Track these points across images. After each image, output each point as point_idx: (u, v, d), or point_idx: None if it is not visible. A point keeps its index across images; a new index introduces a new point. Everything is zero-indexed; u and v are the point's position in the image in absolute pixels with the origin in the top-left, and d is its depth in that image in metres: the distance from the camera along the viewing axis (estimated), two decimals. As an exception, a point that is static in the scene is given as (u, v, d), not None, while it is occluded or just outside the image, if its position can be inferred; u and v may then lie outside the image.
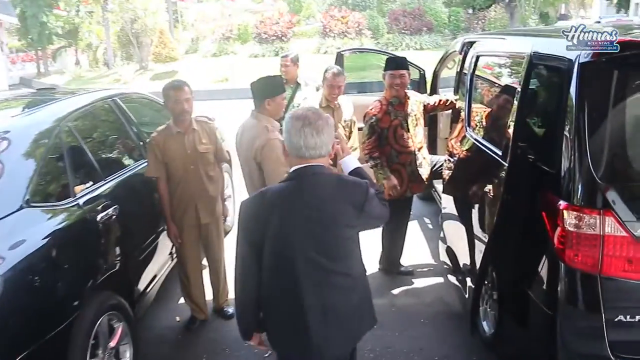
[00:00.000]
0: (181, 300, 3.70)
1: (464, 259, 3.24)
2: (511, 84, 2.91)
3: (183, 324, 3.58)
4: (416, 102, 3.94)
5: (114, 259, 2.86)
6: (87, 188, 2.86)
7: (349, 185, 1.89)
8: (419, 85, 5.49)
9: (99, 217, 2.75)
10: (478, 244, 2.97)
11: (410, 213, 4.17)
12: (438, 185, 4.66)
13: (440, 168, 4.07)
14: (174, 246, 3.54)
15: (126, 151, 3.61)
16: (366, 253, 2.05)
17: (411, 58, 4.05)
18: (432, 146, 5.17)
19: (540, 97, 2.58)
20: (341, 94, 4.05)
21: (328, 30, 19.53)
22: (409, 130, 3.82)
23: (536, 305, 2.32)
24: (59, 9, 23.47)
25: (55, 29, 22.70)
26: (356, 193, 1.85)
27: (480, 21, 21.97)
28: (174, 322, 3.63)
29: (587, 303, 2.12)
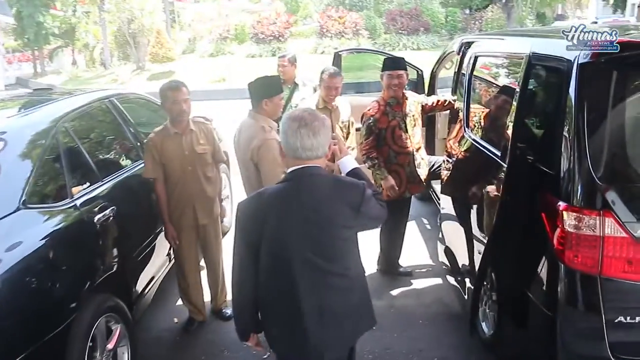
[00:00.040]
0: (179, 302, 3.68)
1: (462, 259, 3.23)
2: (510, 85, 2.91)
3: (181, 326, 3.57)
4: (414, 103, 3.93)
5: (111, 260, 2.84)
6: (84, 189, 2.84)
7: (345, 187, 1.89)
8: (417, 85, 5.49)
9: (96, 219, 2.73)
10: (477, 244, 2.96)
11: (409, 214, 4.16)
12: (436, 186, 4.66)
13: (439, 169, 4.06)
14: (171, 247, 3.52)
15: (123, 152, 3.59)
16: (364, 254, 2.05)
17: (408, 58, 4.05)
18: (430, 147, 5.18)
19: (539, 98, 2.57)
20: (338, 95, 4.02)
21: (325, 30, 19.56)
22: (407, 130, 3.81)
23: (536, 306, 2.32)
24: (56, 9, 23.40)
25: (51, 28, 22.62)
26: (353, 194, 1.85)
27: (477, 21, 22.03)
28: (172, 324, 3.61)
29: (587, 304, 2.12)
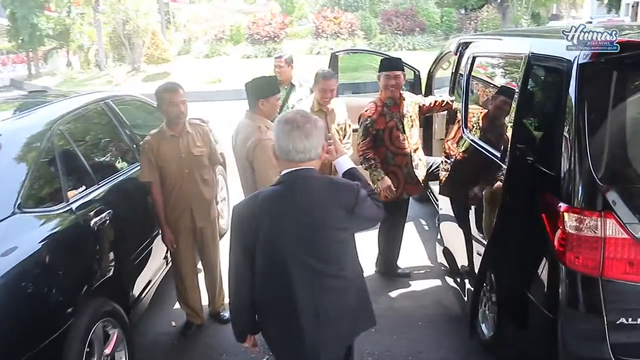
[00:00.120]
0: (176, 305, 3.65)
1: (462, 260, 3.22)
2: (509, 85, 2.90)
3: (179, 329, 3.54)
4: (411, 103, 3.92)
5: (108, 264, 2.81)
6: (80, 192, 2.81)
7: (339, 188, 1.90)
8: (414, 86, 5.47)
9: (93, 222, 2.70)
10: (476, 245, 2.95)
11: (407, 215, 4.15)
12: (434, 187, 4.64)
13: (437, 169, 4.05)
14: (168, 250, 3.49)
15: (119, 154, 3.55)
16: (363, 255, 2.05)
17: (404, 59, 4.03)
18: (427, 147, 5.17)
19: (539, 98, 2.56)
20: (333, 97, 3.98)
21: (321, 31, 19.56)
22: (404, 131, 3.80)
23: (536, 307, 2.31)
24: (50, 10, 23.32)
25: (46, 30, 22.54)
26: (347, 196, 1.85)
27: (472, 21, 22.10)
28: (169, 328, 3.58)
29: (589, 306, 2.11)
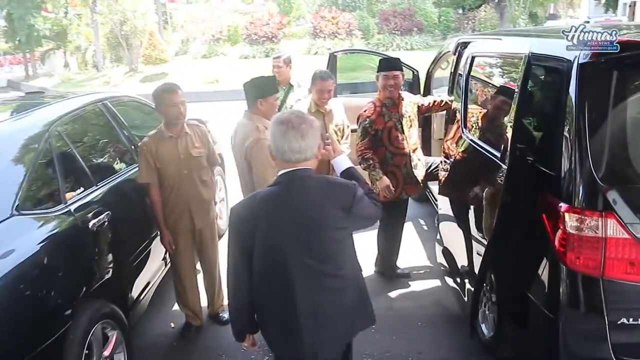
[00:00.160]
0: (175, 307, 3.64)
1: (462, 261, 3.21)
2: (508, 85, 2.89)
3: (178, 331, 3.53)
4: (410, 103, 3.91)
5: (106, 266, 2.80)
6: (79, 194, 2.79)
7: (336, 188, 1.91)
8: (412, 86, 5.46)
9: (91, 224, 2.69)
10: (476, 245, 2.94)
11: (406, 215, 4.14)
12: (433, 187, 4.64)
13: (436, 170, 4.04)
14: (167, 252, 3.48)
15: (117, 156, 3.54)
16: (362, 256, 2.05)
17: (402, 58, 4.02)
18: (426, 147, 5.15)
19: (539, 98, 2.55)
20: (331, 97, 3.97)
21: (318, 31, 19.53)
22: (403, 131, 3.79)
23: (537, 307, 2.30)
24: (47, 11, 23.23)
25: (43, 31, 22.43)
26: (344, 195, 1.86)
27: (470, 21, 22.09)
28: (168, 329, 3.57)
29: (590, 306, 2.10)
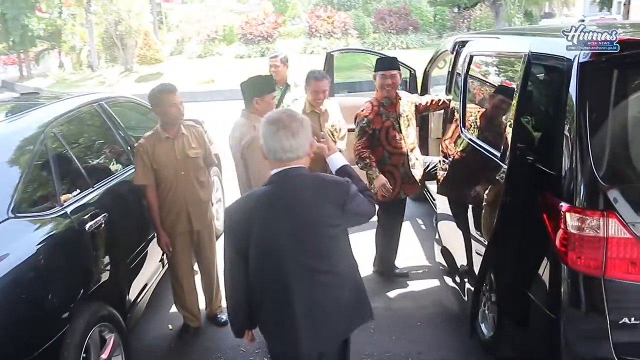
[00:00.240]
0: (173, 309, 3.62)
1: (461, 260, 3.20)
2: (507, 84, 2.88)
3: (176, 333, 3.50)
4: (408, 103, 3.90)
5: (103, 268, 2.77)
6: (75, 196, 2.76)
7: (329, 185, 1.92)
8: (409, 85, 5.45)
9: (88, 226, 2.66)
10: (476, 245, 2.93)
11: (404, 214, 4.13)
12: (431, 186, 4.63)
13: (434, 169, 4.03)
14: (164, 253, 3.46)
15: (114, 157, 3.51)
16: (360, 255, 2.04)
17: (398, 57, 4.01)
18: (423, 146, 5.14)
19: (539, 97, 2.54)
20: (326, 97, 3.95)
21: (314, 30, 19.53)
22: (401, 131, 3.78)
23: (537, 307, 2.29)
24: (41, 11, 23.12)
25: (37, 31, 22.35)
26: (337, 192, 1.88)
27: (465, 20, 22.15)
28: (166, 331, 3.55)
29: (591, 305, 2.09)
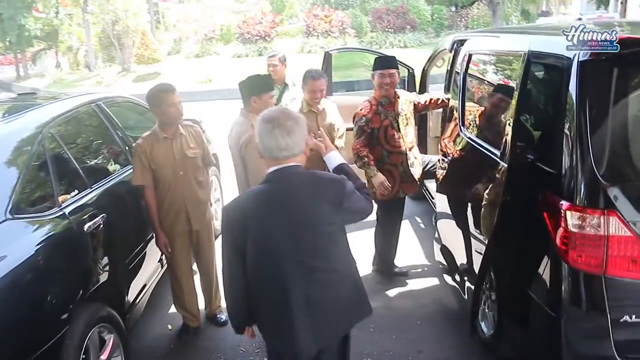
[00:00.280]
0: (172, 309, 3.61)
1: (461, 259, 3.19)
2: (507, 83, 2.87)
3: (175, 333, 3.50)
4: (406, 102, 3.89)
5: (102, 269, 2.76)
6: (73, 197, 2.75)
7: (325, 183, 1.92)
8: (408, 84, 5.44)
9: (86, 227, 2.65)
10: (476, 244, 2.93)
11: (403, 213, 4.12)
12: (430, 185, 4.63)
13: (433, 168, 4.03)
14: (163, 253, 3.45)
15: (112, 157, 3.49)
16: (360, 255, 2.04)
17: (396, 56, 4.01)
18: (422, 145, 5.14)
19: (539, 96, 2.54)
20: (323, 97, 3.94)
21: (311, 29, 19.48)
22: (399, 130, 3.77)
23: (538, 306, 2.29)
24: (38, 11, 23.03)
25: (34, 31, 22.24)
26: (333, 190, 1.88)
27: (463, 19, 22.15)
28: (166, 331, 3.54)
29: (592, 304, 2.09)
